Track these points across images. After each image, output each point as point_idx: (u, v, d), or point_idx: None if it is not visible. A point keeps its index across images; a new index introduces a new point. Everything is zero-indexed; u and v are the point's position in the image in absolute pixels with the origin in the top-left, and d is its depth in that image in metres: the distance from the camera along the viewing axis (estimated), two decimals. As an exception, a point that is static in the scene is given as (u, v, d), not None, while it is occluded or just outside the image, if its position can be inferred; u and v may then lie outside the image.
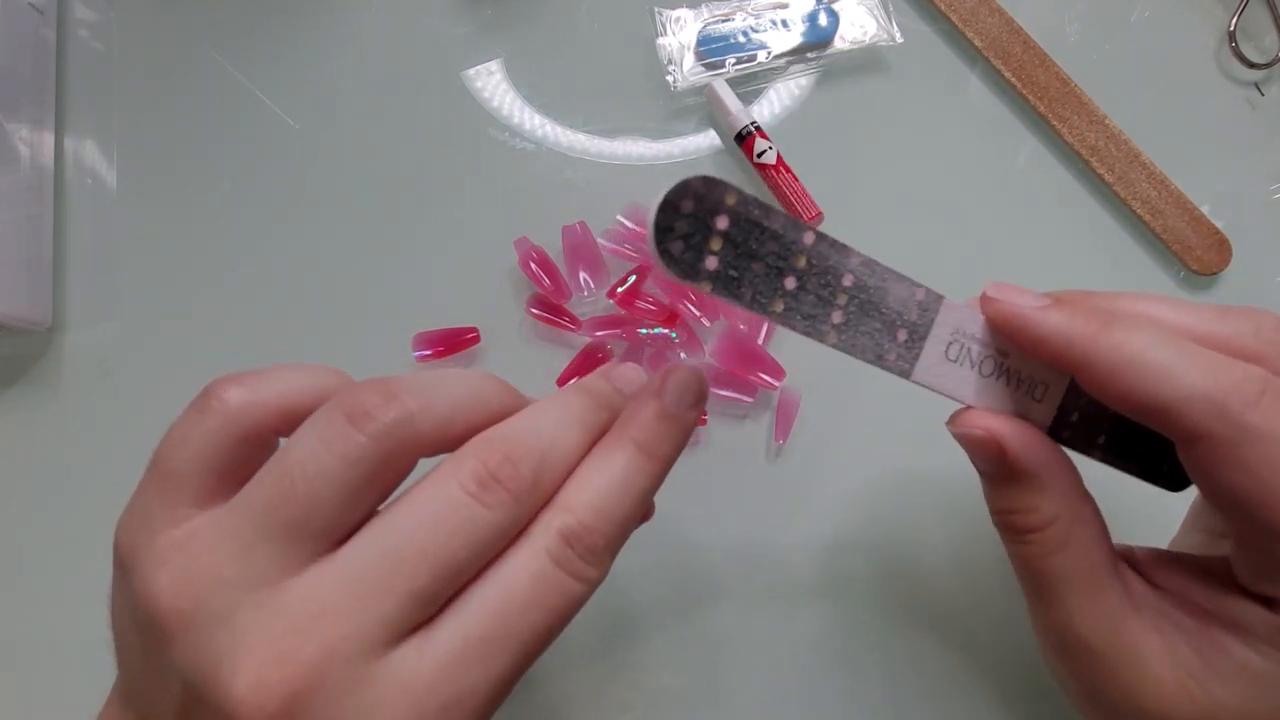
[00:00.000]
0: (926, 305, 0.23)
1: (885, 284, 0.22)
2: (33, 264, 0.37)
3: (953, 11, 0.42)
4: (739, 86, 0.41)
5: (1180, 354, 0.20)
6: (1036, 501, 0.23)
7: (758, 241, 0.20)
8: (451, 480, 0.19)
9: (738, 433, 0.37)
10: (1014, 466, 0.23)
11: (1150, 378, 0.20)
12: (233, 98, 0.41)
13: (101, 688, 0.22)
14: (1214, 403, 0.20)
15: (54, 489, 0.36)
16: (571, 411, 0.21)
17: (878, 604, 0.35)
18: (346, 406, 0.19)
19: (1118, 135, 0.41)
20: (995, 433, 0.23)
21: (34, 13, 0.40)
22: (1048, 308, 0.22)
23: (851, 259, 0.21)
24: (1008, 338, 0.23)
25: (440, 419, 0.20)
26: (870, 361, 0.22)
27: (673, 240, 0.19)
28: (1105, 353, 0.21)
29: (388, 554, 0.18)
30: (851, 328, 0.22)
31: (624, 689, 0.34)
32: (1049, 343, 0.22)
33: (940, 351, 0.23)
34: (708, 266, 0.19)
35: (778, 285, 0.20)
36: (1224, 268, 0.40)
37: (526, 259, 0.37)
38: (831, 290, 0.21)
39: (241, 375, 0.21)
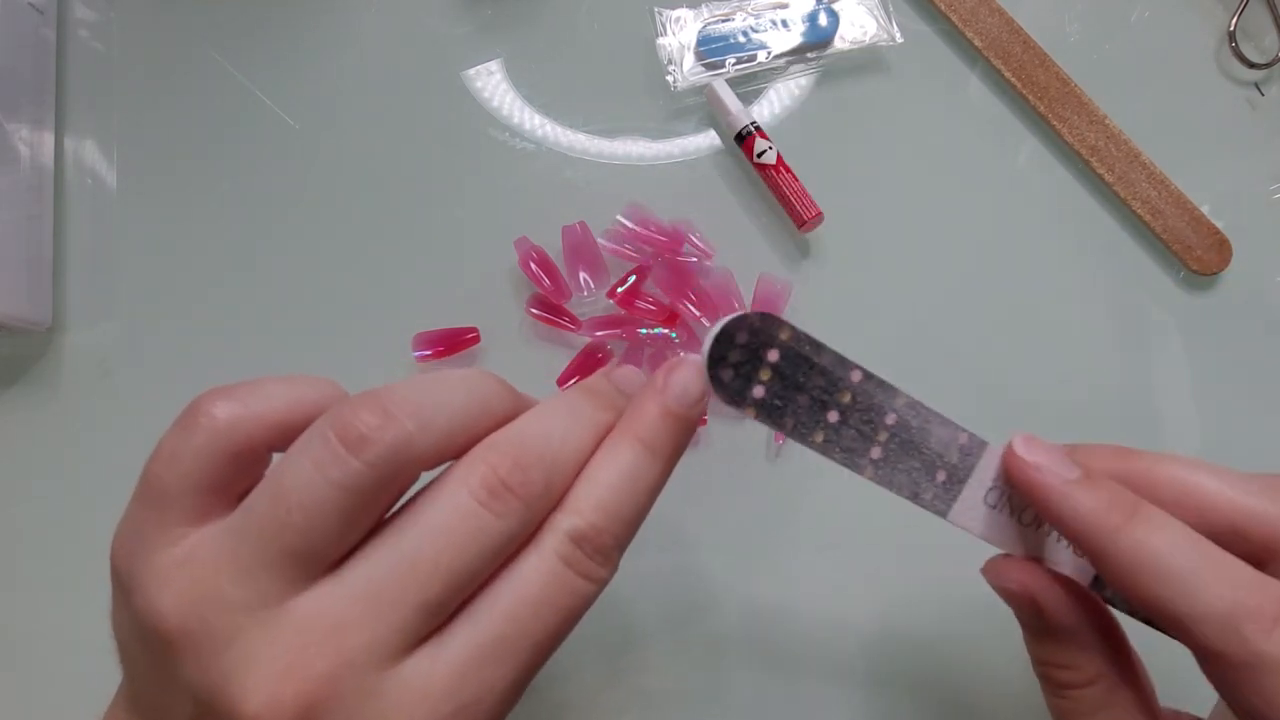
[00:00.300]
0: (969, 450, 0.23)
1: (929, 425, 0.22)
2: (33, 264, 0.37)
3: (953, 11, 0.42)
4: (739, 86, 0.41)
5: (1201, 564, 0.20)
6: (1076, 659, 0.22)
7: (805, 375, 0.21)
8: (462, 489, 0.19)
9: (738, 433, 0.37)
10: (1050, 623, 0.22)
11: (1167, 586, 0.20)
12: (233, 98, 0.41)
13: (101, 687, 0.22)
14: (1229, 625, 0.19)
15: (54, 489, 0.36)
16: (577, 414, 0.21)
17: (877, 604, 0.35)
18: (339, 427, 0.18)
19: (1118, 135, 0.41)
20: (1030, 589, 0.22)
21: (34, 13, 0.40)
22: (1074, 484, 0.21)
23: (898, 400, 0.22)
24: (1032, 506, 0.22)
25: (440, 436, 0.19)
26: (906, 498, 0.22)
27: (724, 369, 0.20)
28: (1124, 551, 0.20)
29: (399, 566, 0.18)
30: (890, 465, 0.22)
31: (621, 690, 0.34)
32: (1069, 527, 0.21)
33: (979, 496, 0.23)
34: (755, 395, 0.20)
35: (820, 418, 0.21)
36: (1224, 268, 0.40)
37: (526, 259, 0.37)
38: (873, 427, 0.22)
39: (231, 388, 0.20)
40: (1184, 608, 0.19)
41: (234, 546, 0.18)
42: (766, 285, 0.38)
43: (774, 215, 0.40)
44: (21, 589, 0.35)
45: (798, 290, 0.38)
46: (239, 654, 0.18)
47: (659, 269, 0.37)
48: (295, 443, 0.19)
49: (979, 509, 0.23)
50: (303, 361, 0.37)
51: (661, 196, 0.39)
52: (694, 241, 0.38)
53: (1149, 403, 0.39)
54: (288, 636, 0.18)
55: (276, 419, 0.20)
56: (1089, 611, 0.22)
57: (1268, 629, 0.19)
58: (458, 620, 0.19)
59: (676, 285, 0.37)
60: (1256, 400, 0.39)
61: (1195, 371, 0.39)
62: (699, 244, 0.38)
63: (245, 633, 0.18)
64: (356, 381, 0.39)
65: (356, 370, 0.37)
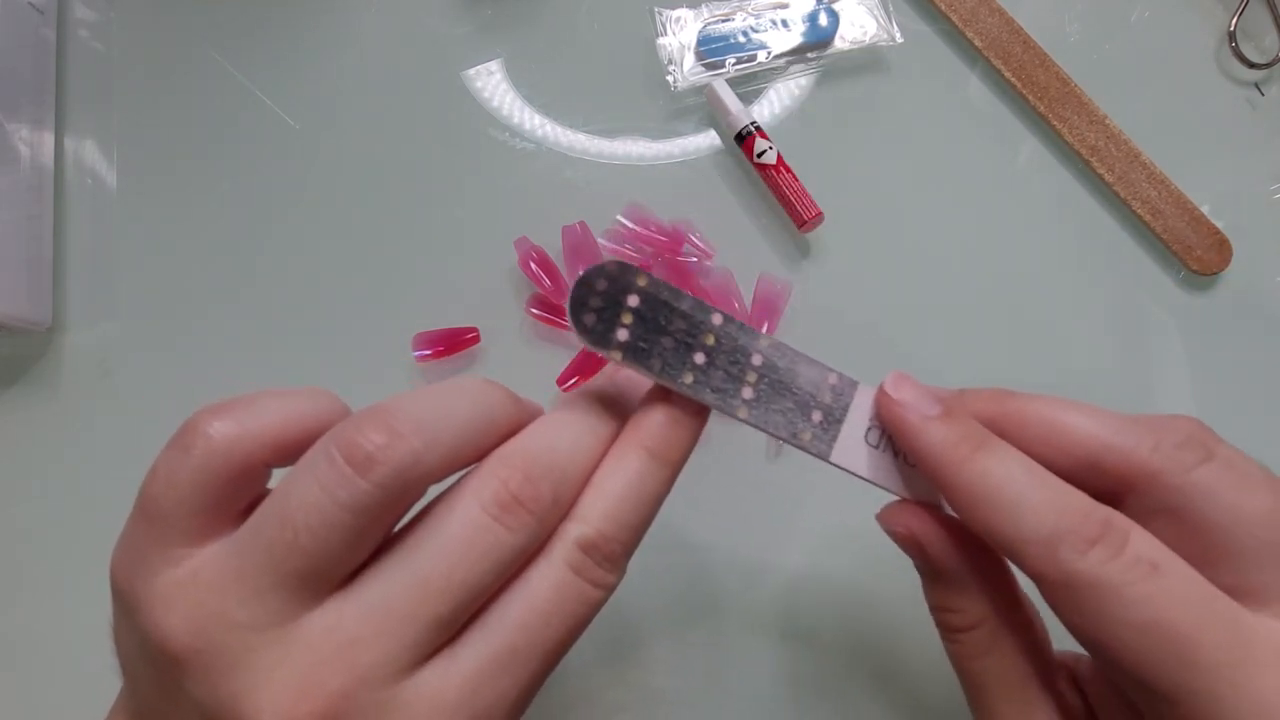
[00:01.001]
0: (840, 389, 0.23)
1: (795, 366, 0.23)
2: (33, 264, 0.37)
3: (953, 11, 0.42)
4: (739, 86, 0.41)
5: (1032, 492, 0.20)
6: (962, 602, 0.23)
7: (666, 319, 0.21)
8: (474, 503, 0.19)
9: (738, 433, 0.37)
10: (935, 566, 0.23)
11: (998, 513, 0.20)
12: (233, 98, 0.41)
13: (101, 688, 0.22)
14: (1047, 547, 0.20)
15: (54, 489, 0.36)
16: (584, 424, 0.21)
17: (877, 604, 0.35)
18: (345, 447, 0.18)
19: (1118, 135, 0.41)
20: (914, 532, 0.23)
21: (34, 13, 0.40)
22: (931, 419, 0.22)
23: (760, 341, 0.22)
24: (898, 443, 0.23)
25: (447, 451, 0.19)
26: (786, 439, 0.23)
27: (586, 314, 0.21)
28: (965, 481, 0.21)
29: (412, 582, 0.18)
30: (763, 405, 0.22)
31: (620, 689, 0.34)
32: (921, 459, 0.22)
33: (859, 436, 0.23)
34: (618, 337, 0.21)
35: (687, 359, 0.22)
36: (1224, 268, 0.40)
37: (526, 259, 0.37)
38: (740, 368, 0.22)
39: (226, 405, 0.20)
40: (1011, 532, 0.20)
41: (240, 568, 0.18)
42: (766, 285, 0.38)
43: (774, 215, 0.40)
44: (22, 589, 0.35)
45: (798, 290, 0.38)
46: (250, 673, 0.18)
47: (659, 269, 0.37)
48: (300, 462, 0.19)
49: (861, 448, 0.23)
50: (303, 361, 0.37)
51: (661, 196, 0.39)
52: (694, 241, 0.38)
53: (1149, 403, 0.39)
54: (299, 654, 0.18)
55: (274, 437, 0.19)
56: (973, 555, 0.22)
57: (1082, 550, 0.19)
58: (469, 632, 0.19)
59: (676, 285, 0.37)
60: (1256, 400, 0.39)
61: (1195, 371, 0.39)
62: (699, 244, 0.38)
63: (255, 652, 0.18)
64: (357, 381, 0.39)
65: (356, 370, 0.37)
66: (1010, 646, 0.23)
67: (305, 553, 0.18)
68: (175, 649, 0.18)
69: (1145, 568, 0.19)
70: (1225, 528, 0.20)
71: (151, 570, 0.19)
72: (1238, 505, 0.20)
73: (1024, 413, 0.22)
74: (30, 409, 0.37)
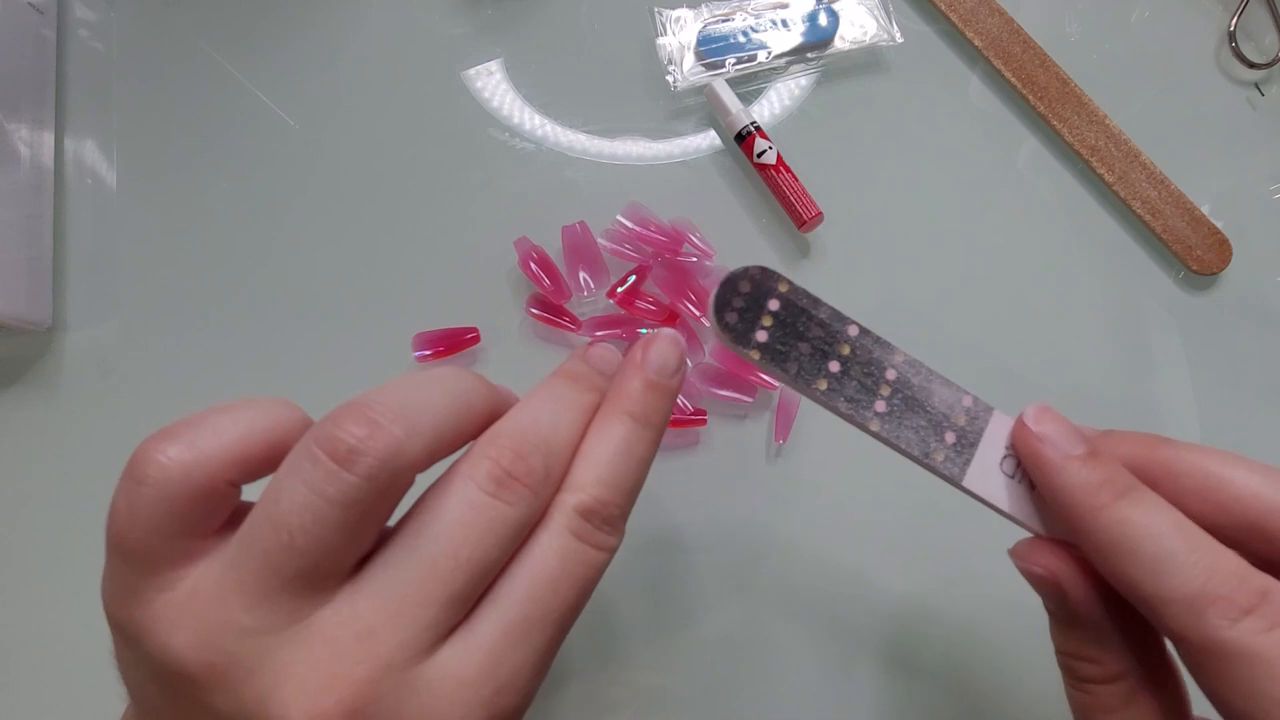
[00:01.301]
0: (975, 413, 0.23)
1: (930, 384, 0.22)
2: (33, 264, 0.37)
3: (953, 11, 0.42)
4: (739, 86, 0.41)
5: (1179, 548, 0.19)
6: (1099, 654, 0.21)
7: (805, 325, 0.22)
8: (469, 484, 0.20)
9: (738, 433, 0.37)
10: (1075, 612, 0.21)
11: (1139, 567, 0.19)
12: (233, 98, 0.41)
13: (100, 688, 0.22)
14: (1193, 610, 0.18)
15: (54, 489, 0.36)
16: (564, 398, 0.22)
17: (877, 604, 0.35)
18: (327, 443, 0.18)
19: (1118, 135, 0.41)
20: (1055, 573, 0.21)
21: (34, 13, 0.40)
22: (1073, 459, 0.20)
23: (896, 356, 0.22)
24: (1035, 480, 0.22)
25: (429, 438, 0.19)
26: (918, 459, 0.22)
27: (729, 313, 0.21)
28: (1104, 528, 0.20)
29: (421, 565, 0.19)
30: (895, 419, 0.22)
31: (617, 688, 0.34)
32: (1057, 500, 0.21)
33: (994, 463, 0.22)
34: (758, 339, 0.21)
35: (823, 366, 0.22)
36: (1224, 268, 0.40)
37: (526, 259, 0.37)
38: (875, 380, 0.22)
39: (174, 430, 0.19)
40: (1151, 590, 0.19)
41: (240, 578, 0.18)
42: (766, 285, 0.38)
43: (774, 215, 0.40)
44: (21, 588, 0.35)
45: (798, 290, 0.38)
46: (271, 674, 0.18)
47: (659, 269, 0.37)
48: (284, 465, 0.19)
49: (996, 476, 0.22)
50: (302, 361, 0.37)
51: (661, 196, 0.39)
52: (694, 241, 0.38)
53: (1149, 403, 0.39)
54: (318, 649, 0.18)
55: (231, 456, 0.19)
56: (1117, 604, 0.21)
57: (1234, 617, 0.18)
58: (482, 607, 0.19)
59: (676, 285, 0.37)
60: (1256, 400, 0.39)
61: (1195, 371, 0.39)
62: (699, 244, 0.38)
63: (272, 653, 0.18)
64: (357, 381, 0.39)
65: (357, 370, 0.37)
66: (1147, 706, 0.21)
67: (303, 552, 0.18)
68: (188, 667, 0.18)
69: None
70: None
71: (145, 599, 0.19)
72: None
73: (1177, 463, 0.21)
74: (30, 409, 0.37)
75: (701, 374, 0.36)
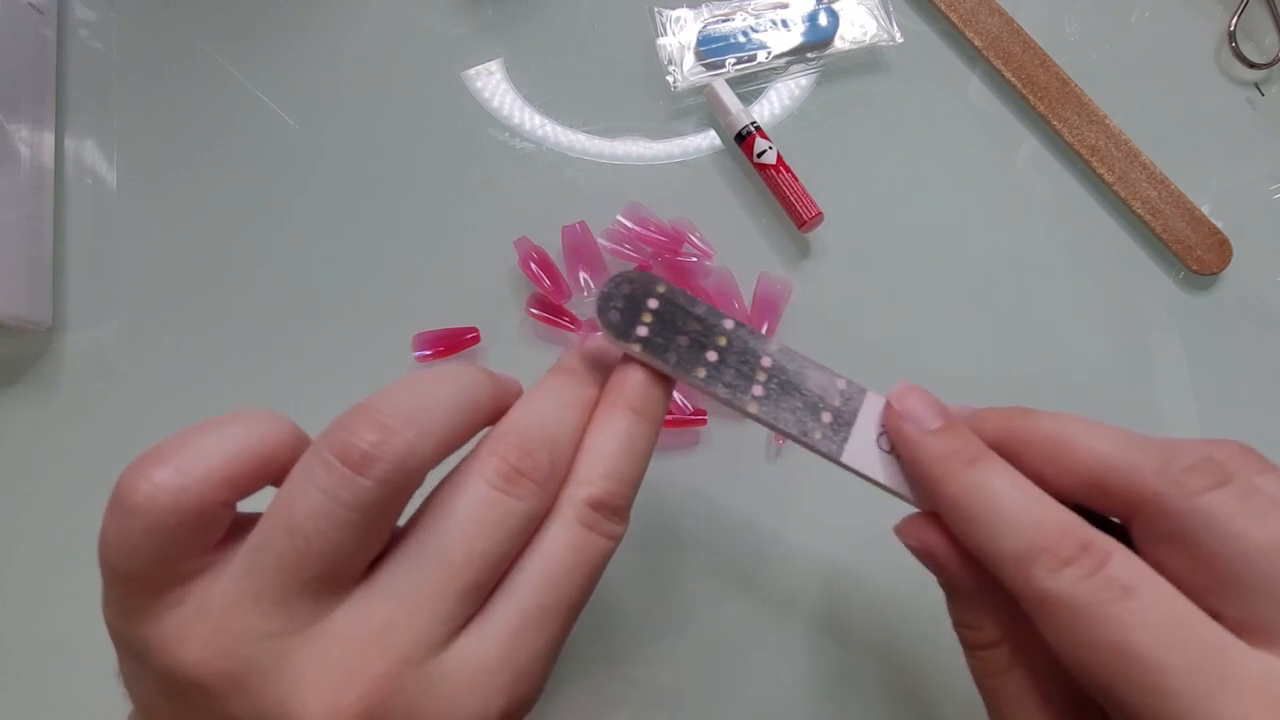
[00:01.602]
0: (849, 395, 0.24)
1: (804, 370, 0.24)
2: (33, 264, 0.37)
3: (953, 11, 0.42)
4: (739, 86, 0.41)
5: (1013, 508, 0.20)
6: (980, 619, 0.22)
7: (683, 321, 0.24)
8: (478, 481, 0.20)
9: (738, 433, 0.37)
10: (951, 580, 0.22)
11: (980, 529, 0.20)
12: (233, 98, 0.41)
13: (101, 687, 0.22)
14: (1020, 565, 0.19)
15: (54, 489, 0.36)
16: (565, 394, 0.23)
17: (876, 604, 0.35)
18: (340, 449, 0.18)
19: (1118, 135, 0.41)
20: (929, 544, 0.22)
21: (34, 13, 0.40)
22: (929, 433, 0.22)
23: (770, 345, 0.24)
24: (899, 454, 0.23)
25: (439, 437, 0.20)
26: (795, 437, 0.24)
27: (611, 311, 0.23)
28: (951, 494, 0.21)
29: (434, 560, 0.19)
30: (772, 402, 0.24)
31: (619, 685, 0.34)
32: (913, 471, 0.22)
33: (870, 440, 0.24)
34: (639, 333, 0.23)
35: (700, 357, 0.24)
36: (1224, 268, 0.40)
37: (526, 259, 0.37)
38: (751, 367, 0.24)
39: (160, 452, 0.18)
40: (990, 547, 0.20)
41: (255, 586, 0.18)
42: (766, 285, 0.38)
43: (774, 215, 0.40)
44: (21, 589, 0.35)
45: (798, 290, 0.38)
46: (290, 675, 0.18)
47: (659, 269, 0.37)
48: (295, 471, 0.19)
49: (873, 452, 0.24)
50: (302, 361, 0.37)
51: (661, 196, 0.39)
52: (694, 241, 0.38)
53: (1149, 403, 0.39)
54: (336, 648, 0.18)
55: (220, 477, 0.18)
56: (987, 573, 0.21)
57: (1054, 567, 0.19)
58: (496, 598, 0.20)
59: (679, 286, 0.37)
60: (1256, 400, 0.39)
61: (1195, 371, 0.39)
62: (699, 244, 0.38)
63: (290, 655, 0.18)
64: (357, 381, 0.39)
65: (357, 370, 0.37)
66: (1031, 666, 0.22)
67: (320, 556, 0.18)
68: (203, 675, 0.18)
69: (1117, 589, 0.18)
70: (1227, 558, 0.19)
71: (153, 615, 0.19)
72: (1243, 534, 0.19)
73: (1033, 430, 0.22)
74: (30, 409, 0.37)
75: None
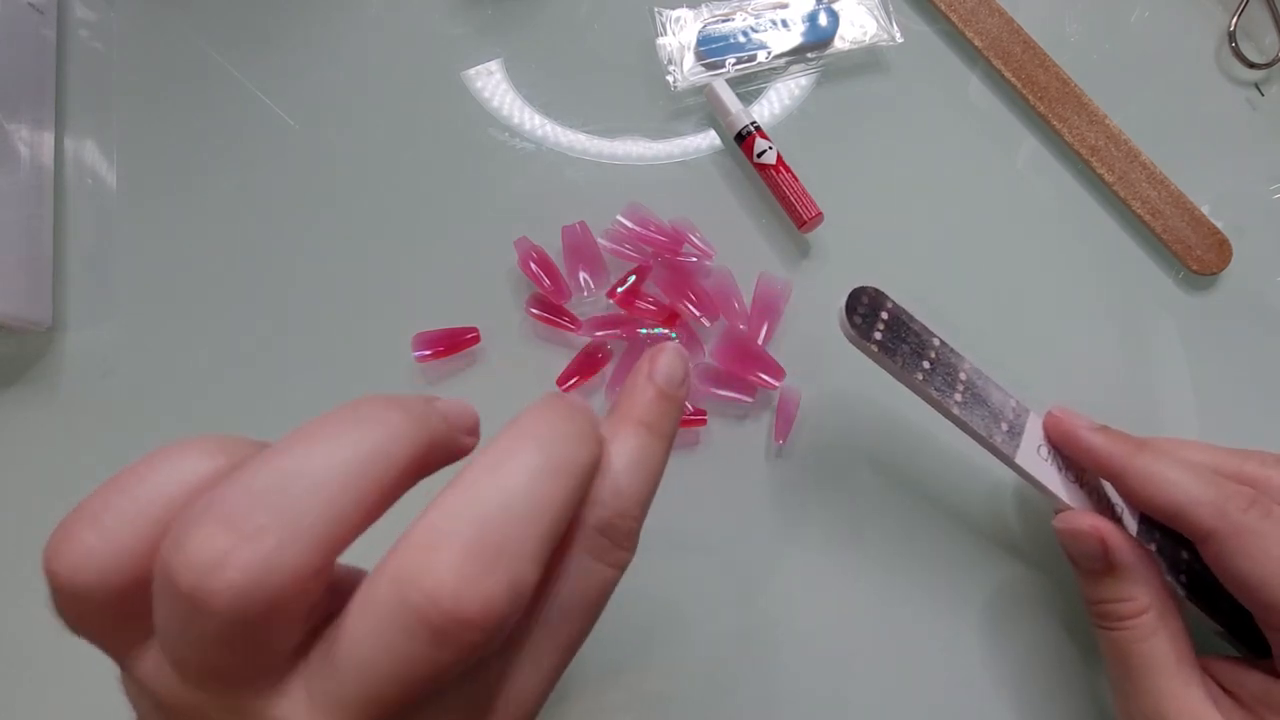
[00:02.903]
0: (1019, 412, 0.31)
1: (987, 387, 0.31)
2: (33, 264, 0.37)
3: (953, 11, 0.42)
4: (739, 86, 0.41)
5: (1191, 473, 0.28)
6: (1133, 591, 0.28)
7: (904, 334, 0.29)
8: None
9: (738, 433, 0.37)
10: (1113, 560, 0.28)
11: (1168, 488, 0.28)
12: (233, 98, 0.41)
13: (101, 686, 0.22)
14: (1215, 506, 0.27)
15: (54, 489, 0.36)
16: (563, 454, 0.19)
17: (877, 605, 0.35)
18: (175, 568, 0.14)
19: (1118, 135, 0.41)
20: (1100, 529, 0.29)
21: (34, 13, 0.40)
22: (1096, 431, 0.30)
23: (965, 364, 0.31)
24: (1064, 449, 0.31)
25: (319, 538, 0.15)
26: (984, 439, 0.30)
27: (855, 315, 0.29)
28: (1136, 468, 0.29)
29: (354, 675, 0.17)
30: (968, 408, 0.30)
31: (619, 690, 0.34)
32: (1094, 455, 0.30)
33: (1033, 449, 0.31)
34: (875, 337, 0.29)
35: (918, 364, 0.29)
36: (1224, 268, 0.40)
37: (526, 259, 0.37)
38: (952, 378, 0.30)
39: (89, 511, 0.16)
40: (1182, 499, 0.28)
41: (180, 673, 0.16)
42: (766, 285, 0.38)
43: (774, 215, 0.40)
44: (21, 589, 0.35)
45: (798, 290, 0.38)
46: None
47: (659, 269, 0.37)
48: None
49: (1035, 458, 0.30)
50: (302, 361, 0.37)
51: (661, 196, 0.39)
52: (694, 241, 0.38)
53: (1149, 403, 0.39)
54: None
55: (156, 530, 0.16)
56: (1142, 549, 0.29)
57: (1244, 507, 0.27)
58: None
59: (676, 285, 0.37)
60: (1256, 400, 0.39)
61: (1195, 372, 0.39)
62: (699, 244, 0.38)
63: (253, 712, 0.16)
64: (357, 382, 0.39)
65: (357, 370, 0.37)
66: (1173, 627, 0.28)
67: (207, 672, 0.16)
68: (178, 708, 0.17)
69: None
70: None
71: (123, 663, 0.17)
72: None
73: (1130, 459, 0.29)
74: (30, 409, 0.37)
75: (701, 374, 0.36)
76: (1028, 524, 0.36)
